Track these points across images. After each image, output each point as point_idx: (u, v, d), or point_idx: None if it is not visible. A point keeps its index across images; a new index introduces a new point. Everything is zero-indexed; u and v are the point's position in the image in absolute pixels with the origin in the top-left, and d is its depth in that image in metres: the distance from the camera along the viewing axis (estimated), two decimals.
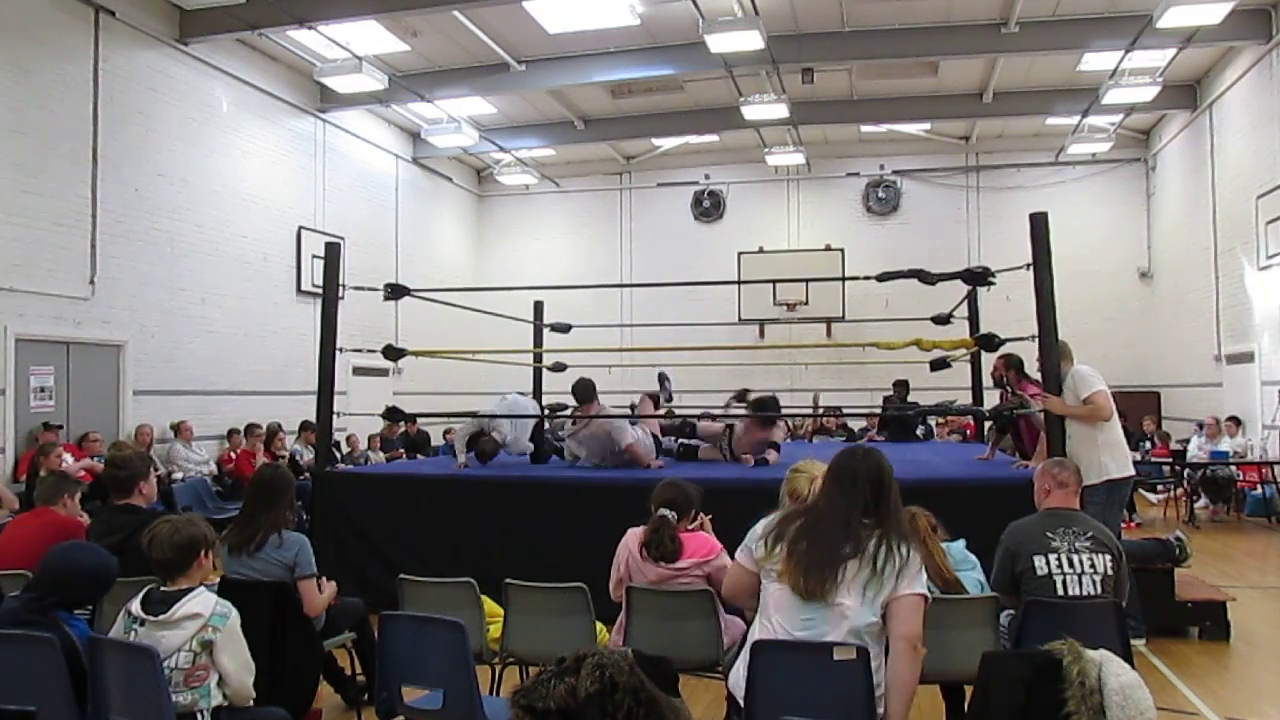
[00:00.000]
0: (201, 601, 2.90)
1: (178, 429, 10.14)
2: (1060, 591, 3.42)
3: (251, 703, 2.98)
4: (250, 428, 10.90)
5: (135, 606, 2.92)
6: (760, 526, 2.94)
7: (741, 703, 2.74)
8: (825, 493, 2.90)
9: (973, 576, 3.75)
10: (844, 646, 2.54)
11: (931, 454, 8.53)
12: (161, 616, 2.86)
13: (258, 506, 3.86)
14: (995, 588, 3.62)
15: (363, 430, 12.51)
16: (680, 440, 7.56)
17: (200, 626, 2.85)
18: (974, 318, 9.03)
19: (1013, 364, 6.64)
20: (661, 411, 7.95)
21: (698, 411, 8.15)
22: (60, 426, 8.83)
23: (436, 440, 14.09)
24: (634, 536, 3.72)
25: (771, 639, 2.71)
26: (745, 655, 2.77)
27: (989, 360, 7.55)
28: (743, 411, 7.70)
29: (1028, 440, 6.60)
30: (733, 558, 3.12)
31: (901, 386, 11.49)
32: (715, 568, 3.59)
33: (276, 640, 3.48)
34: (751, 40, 9.53)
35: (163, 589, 2.98)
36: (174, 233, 10.40)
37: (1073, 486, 3.74)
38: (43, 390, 8.90)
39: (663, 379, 8.44)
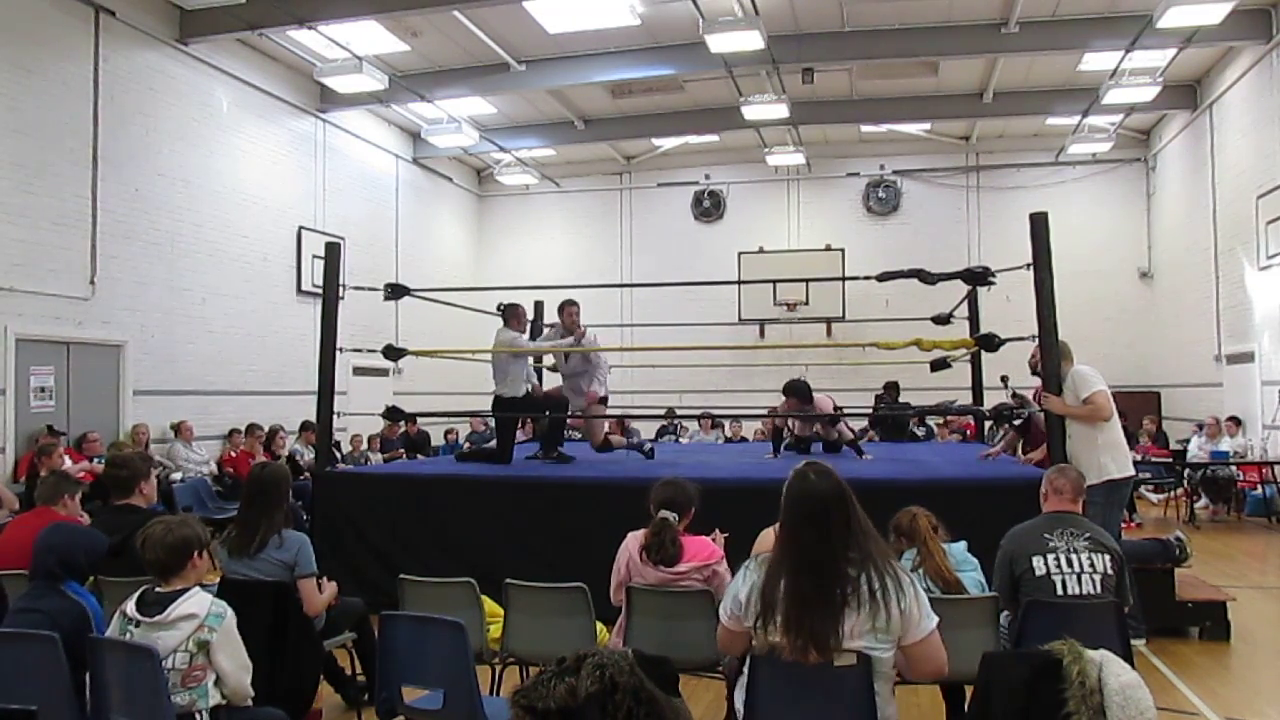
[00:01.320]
0: (196, 602, 2.89)
1: (178, 429, 10.14)
2: (1059, 591, 3.43)
3: (250, 702, 2.98)
4: (251, 428, 10.91)
5: (130, 607, 2.91)
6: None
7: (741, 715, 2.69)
8: (794, 532, 2.61)
9: (973, 577, 3.76)
10: (844, 654, 2.52)
11: (931, 454, 8.54)
12: (156, 618, 2.85)
13: (256, 507, 3.85)
14: (996, 592, 3.63)
15: (363, 430, 12.51)
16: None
17: (196, 627, 2.84)
18: (974, 318, 9.04)
19: None
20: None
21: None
22: (63, 433, 8.83)
23: (437, 440, 14.10)
24: (634, 540, 3.70)
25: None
26: (747, 668, 2.70)
27: (989, 360, 7.55)
28: None
29: (1035, 439, 6.60)
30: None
31: (892, 388, 11.50)
32: (715, 572, 3.59)
33: (277, 640, 3.48)
34: (751, 40, 9.53)
35: (157, 590, 2.97)
36: (174, 233, 10.40)
37: (1070, 493, 3.77)
38: (43, 390, 8.89)
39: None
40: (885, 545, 2.75)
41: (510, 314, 7.35)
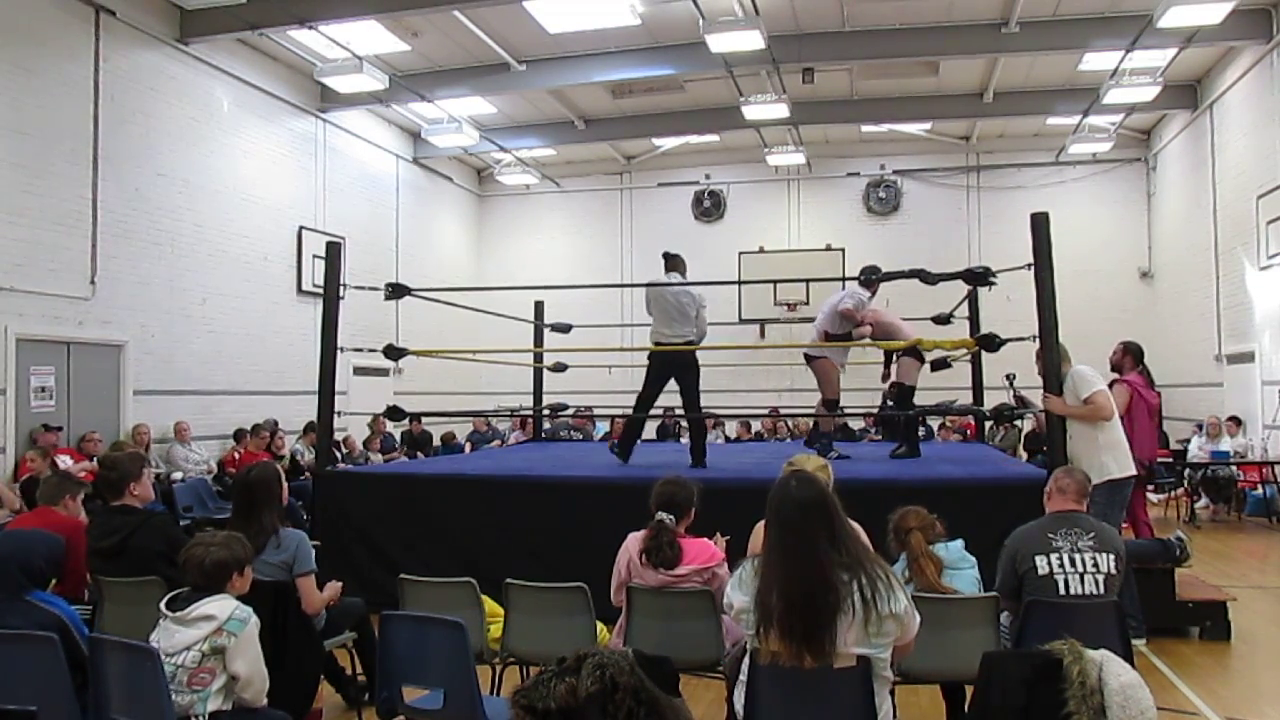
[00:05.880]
0: (219, 605, 2.90)
1: (174, 429, 10.14)
2: (1061, 591, 3.44)
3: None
4: (256, 428, 10.91)
5: (163, 604, 2.96)
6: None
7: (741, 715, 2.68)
8: (778, 539, 2.60)
9: (971, 575, 3.75)
10: (843, 656, 2.51)
11: (932, 454, 8.53)
12: (179, 613, 2.89)
13: (247, 510, 3.84)
14: (999, 592, 3.62)
15: (363, 430, 12.50)
16: None
17: (213, 630, 2.85)
18: (974, 318, 9.04)
19: (1131, 350, 6.58)
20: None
21: None
22: (60, 428, 8.83)
23: (435, 441, 14.09)
24: (634, 542, 3.70)
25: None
26: (746, 670, 2.69)
27: (989, 360, 7.55)
28: None
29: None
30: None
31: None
32: (715, 574, 3.58)
33: (277, 640, 3.48)
34: (752, 40, 9.53)
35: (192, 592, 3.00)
36: (174, 233, 10.40)
37: (1074, 493, 3.78)
38: (43, 390, 8.89)
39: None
40: (865, 547, 2.70)
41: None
